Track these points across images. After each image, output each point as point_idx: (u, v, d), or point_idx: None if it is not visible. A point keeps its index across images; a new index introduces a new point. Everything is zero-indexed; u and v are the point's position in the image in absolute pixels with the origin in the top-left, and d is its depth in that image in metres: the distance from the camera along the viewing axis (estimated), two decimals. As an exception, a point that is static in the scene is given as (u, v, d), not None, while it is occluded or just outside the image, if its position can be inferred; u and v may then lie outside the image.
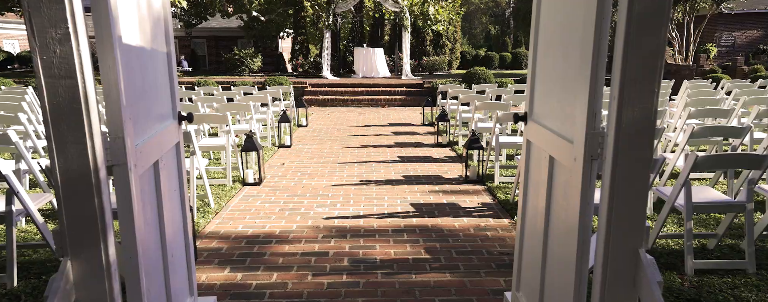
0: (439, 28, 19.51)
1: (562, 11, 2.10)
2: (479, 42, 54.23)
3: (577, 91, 1.86)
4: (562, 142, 2.02)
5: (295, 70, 21.84)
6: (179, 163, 2.55)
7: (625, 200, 1.67)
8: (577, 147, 1.85)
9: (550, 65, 2.26)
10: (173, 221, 2.41)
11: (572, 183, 1.90)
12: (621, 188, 1.67)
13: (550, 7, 2.28)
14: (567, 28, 2.03)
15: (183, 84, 15.07)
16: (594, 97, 1.75)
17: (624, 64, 1.59)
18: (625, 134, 1.63)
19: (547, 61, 2.31)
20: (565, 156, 1.99)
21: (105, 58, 1.64)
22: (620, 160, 1.65)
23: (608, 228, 1.72)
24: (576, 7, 1.90)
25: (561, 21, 2.11)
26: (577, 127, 1.86)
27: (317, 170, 6.45)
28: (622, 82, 1.60)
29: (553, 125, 2.20)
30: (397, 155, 7.43)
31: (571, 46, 1.97)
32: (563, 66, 2.08)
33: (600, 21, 1.68)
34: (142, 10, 2.09)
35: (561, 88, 2.10)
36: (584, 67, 1.79)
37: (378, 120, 11.48)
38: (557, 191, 2.14)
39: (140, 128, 1.96)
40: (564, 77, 2.05)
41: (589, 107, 1.75)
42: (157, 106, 2.25)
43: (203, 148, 5.86)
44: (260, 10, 24.93)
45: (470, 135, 5.87)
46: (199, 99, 7.85)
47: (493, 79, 14.94)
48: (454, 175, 6.21)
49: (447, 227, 4.33)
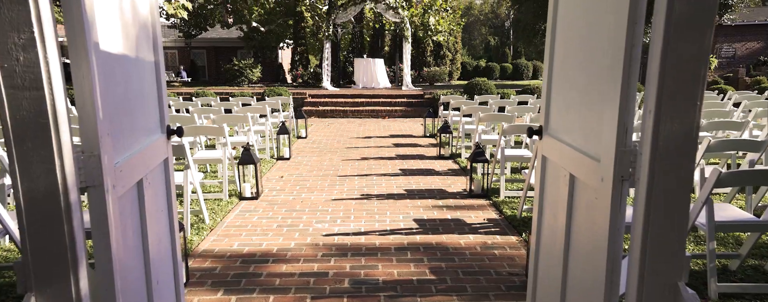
0: (440, 39, 19.43)
1: (584, 17, 1.93)
2: (479, 53, 54.34)
3: (604, 104, 1.68)
4: (586, 159, 1.84)
5: (295, 80, 21.74)
6: (168, 180, 2.37)
7: (663, 228, 1.48)
8: (604, 166, 1.66)
9: (570, 75, 2.08)
10: (159, 244, 2.21)
11: (599, 206, 1.72)
12: (658, 215, 1.48)
13: (569, 12, 2.11)
14: (590, 35, 1.85)
15: (181, 95, 14.92)
16: (625, 110, 1.56)
17: (662, 73, 1.41)
18: (662, 152, 1.45)
19: (566, 71, 2.13)
20: (589, 175, 1.81)
21: (78, 67, 1.46)
22: (657, 182, 1.47)
23: (642, 259, 1.53)
24: (603, 11, 1.73)
25: (583, 27, 1.94)
26: (604, 144, 1.68)
27: (316, 184, 6.25)
28: (659, 94, 1.42)
29: (574, 140, 2.02)
30: (398, 167, 7.25)
31: (595, 54, 1.80)
32: (586, 76, 1.90)
33: (632, 26, 1.51)
34: (126, 15, 1.92)
35: (583, 100, 1.92)
36: (613, 77, 1.62)
37: (378, 132, 11.31)
38: (579, 213, 1.95)
39: (121, 143, 1.78)
40: (587, 89, 1.87)
41: (620, 122, 1.57)
42: (142, 119, 2.07)
43: (199, 161, 5.68)
44: (260, 21, 24.91)
45: (474, 148, 5.69)
46: (196, 110, 7.68)
47: (495, 90, 14.81)
48: (457, 189, 6.02)
49: (452, 245, 4.13)
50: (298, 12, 21.91)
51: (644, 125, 1.48)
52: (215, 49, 31.59)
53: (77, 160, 1.47)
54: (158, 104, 2.29)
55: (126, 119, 1.85)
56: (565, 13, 2.19)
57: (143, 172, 1.98)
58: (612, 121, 1.61)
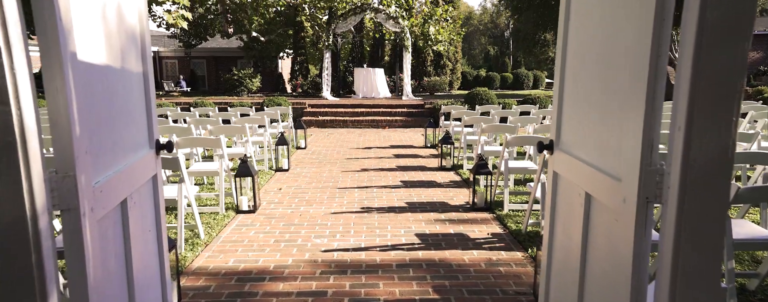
0: (440, 49, 19.38)
1: (599, 25, 1.81)
2: (478, 62, 54.43)
3: (626, 119, 1.55)
4: (604, 178, 1.70)
5: (295, 90, 21.67)
6: (157, 198, 2.23)
7: (696, 257, 1.34)
8: (627, 186, 1.53)
9: (584, 87, 1.95)
10: (146, 267, 2.07)
11: (620, 228, 1.58)
12: (690, 241, 1.34)
13: (583, 19, 1.99)
14: (608, 45, 1.72)
15: (180, 105, 14.81)
16: (650, 127, 1.43)
17: (693, 86, 1.28)
18: (694, 172, 1.32)
19: (580, 82, 2.00)
20: (608, 195, 1.67)
21: (52, 79, 1.33)
22: (689, 205, 1.33)
23: (672, 290, 1.39)
24: (622, 19, 1.60)
25: (599, 36, 1.81)
26: (626, 162, 1.54)
27: (315, 196, 6.11)
28: (690, 109, 1.29)
29: (590, 156, 1.88)
30: (399, 179, 7.11)
31: (614, 65, 1.67)
32: (603, 89, 1.77)
33: (659, 35, 1.38)
34: (111, 24, 1.79)
35: (600, 114, 1.79)
36: (636, 91, 1.48)
37: (379, 142, 11.19)
38: (597, 235, 1.81)
39: (102, 161, 1.64)
40: (605, 102, 1.74)
41: (645, 139, 1.44)
42: (128, 134, 1.93)
43: (195, 173, 5.54)
44: (260, 31, 24.89)
45: (477, 160, 5.55)
46: (193, 121, 7.56)
47: (496, 100, 14.71)
48: (460, 201, 5.87)
49: (456, 261, 3.98)
50: (298, 22, 21.88)
51: (673, 142, 1.35)
52: (215, 59, 31.56)
53: (49, 181, 1.33)
54: (147, 117, 2.16)
55: (109, 135, 1.71)
56: (577, 20, 2.07)
57: (128, 191, 1.84)
58: (635, 138, 1.48)
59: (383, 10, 17.71)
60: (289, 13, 22.65)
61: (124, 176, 1.81)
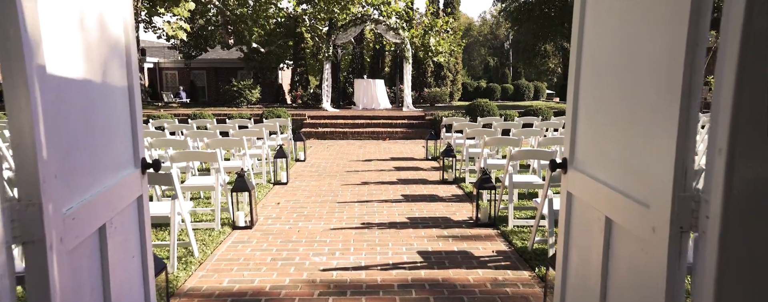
0: (441, 60, 19.30)
1: (621, 32, 1.66)
2: (478, 73, 54.49)
3: (654, 139, 1.40)
4: (628, 203, 1.55)
5: (295, 101, 21.57)
6: (142, 221, 2.08)
7: (743, 297, 1.19)
8: (656, 214, 1.38)
9: (602, 101, 1.81)
10: (128, 296, 1.91)
11: (649, 259, 1.42)
12: (735, 280, 1.19)
13: (600, 27, 1.85)
14: (631, 54, 1.58)
15: (178, 116, 14.69)
16: (684, 149, 1.28)
17: (737, 103, 1.13)
18: (739, 200, 1.17)
19: (597, 97, 1.86)
20: (634, 222, 1.52)
21: (15, 97, 1.19)
22: (734, 238, 1.18)
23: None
24: (648, 25, 1.46)
25: (620, 44, 1.67)
26: (654, 186, 1.39)
27: (314, 211, 5.95)
28: (733, 128, 1.14)
29: (610, 178, 1.73)
30: (400, 193, 6.94)
31: (638, 77, 1.53)
32: (625, 103, 1.62)
33: (694, 45, 1.23)
34: (91, 34, 1.65)
35: (622, 132, 1.64)
36: (666, 107, 1.34)
37: (379, 154, 11.04)
38: (620, 263, 1.65)
39: (76, 185, 1.49)
40: (628, 119, 1.59)
41: (678, 161, 1.29)
42: (109, 153, 1.78)
43: (191, 188, 5.38)
44: (260, 42, 24.87)
45: (481, 174, 5.40)
46: (190, 133, 7.41)
47: (498, 111, 14.59)
48: (463, 217, 5.71)
49: (460, 281, 3.81)
50: (299, 33, 21.85)
51: (712, 166, 1.20)
52: (215, 70, 31.56)
53: (9, 211, 1.18)
54: (132, 134, 2.01)
55: (85, 156, 1.57)
56: (593, 28, 1.93)
57: (107, 215, 1.69)
58: (665, 160, 1.33)
59: (383, 21, 17.67)
60: (290, 25, 22.63)
61: (103, 200, 1.66)
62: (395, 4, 17.72)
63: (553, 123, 9.15)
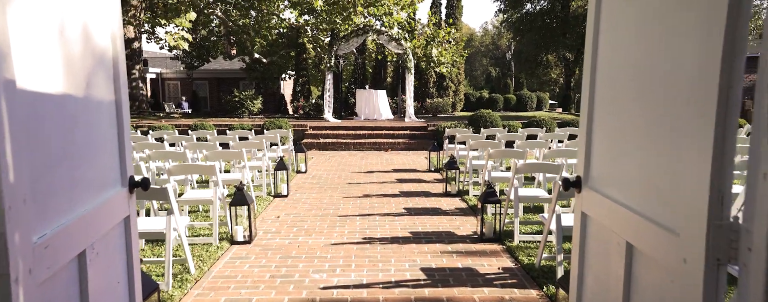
0: (443, 70, 19.23)
1: (642, 39, 1.55)
2: (480, 84, 54.49)
3: (683, 160, 1.28)
4: (654, 229, 1.42)
5: (296, 112, 21.50)
6: (129, 244, 1.95)
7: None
8: (688, 243, 1.25)
9: (621, 115, 1.69)
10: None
11: (681, 293, 1.29)
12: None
13: (617, 33, 1.73)
14: (654, 64, 1.46)
15: (178, 127, 14.61)
16: (721, 173, 1.16)
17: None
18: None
19: (615, 109, 1.74)
20: (660, 250, 1.38)
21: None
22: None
23: None
24: (675, 32, 1.34)
25: (641, 53, 1.55)
26: (685, 212, 1.26)
27: (315, 225, 5.81)
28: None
29: (631, 200, 1.60)
30: (402, 206, 6.81)
31: (663, 90, 1.40)
32: (646, 118, 1.50)
33: (731, 55, 1.11)
34: (73, 46, 1.54)
35: (645, 150, 1.51)
36: (698, 125, 1.21)
37: (381, 165, 10.91)
38: (645, 295, 1.52)
39: (53, 208, 1.37)
40: (652, 134, 1.47)
41: (713, 187, 1.16)
42: (92, 172, 1.66)
43: (188, 202, 5.25)
44: (262, 52, 24.87)
45: (486, 187, 5.26)
46: (189, 145, 7.30)
47: (501, 122, 14.47)
48: (467, 231, 5.57)
49: (465, 300, 3.66)
50: (301, 43, 21.84)
51: (755, 192, 1.07)
52: (217, 80, 31.57)
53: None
54: (119, 151, 1.90)
55: (64, 176, 1.44)
56: (610, 35, 1.81)
57: (88, 240, 1.56)
58: (698, 185, 1.20)
59: (386, 31, 17.64)
60: (292, 35, 22.64)
61: (83, 223, 1.53)
62: (397, 15, 17.70)
63: (558, 135, 9.03)
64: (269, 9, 20.52)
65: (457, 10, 24.72)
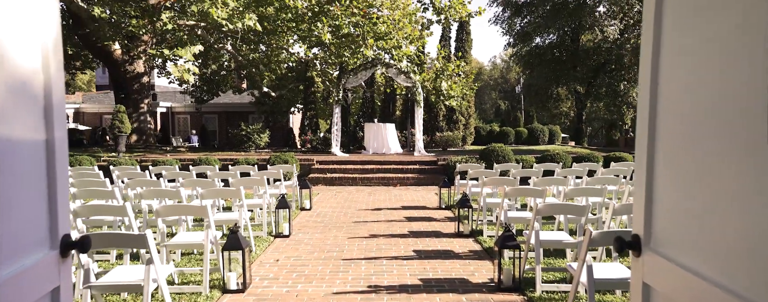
0: (453, 104, 18.93)
1: (730, 58, 1.13)
2: (489, 117, 54.33)
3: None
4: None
5: (304, 145, 21.23)
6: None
7: None
8: None
9: (699, 156, 1.26)
10: None
11: None
12: None
13: (688, 55, 1.32)
14: (751, 90, 1.04)
15: (183, 161, 14.32)
16: None
17: None
18: None
19: (689, 148, 1.32)
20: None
21: None
22: None
23: None
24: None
25: (730, 77, 1.13)
26: None
27: (316, 270, 5.33)
28: None
29: (729, 278, 1.15)
30: (412, 248, 6.31)
31: None
32: (743, 162, 1.07)
33: None
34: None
35: (745, 204, 1.08)
36: None
37: (389, 202, 10.44)
38: None
39: None
40: (756, 184, 1.04)
41: None
42: (6, 233, 1.25)
43: (177, 246, 4.83)
44: (271, 86, 24.83)
45: (504, 230, 4.78)
46: (186, 183, 6.92)
47: (513, 156, 14.02)
48: (483, 278, 5.06)
49: (485, 368, 3.15)
50: (309, 77, 21.75)
51: None
52: (227, 114, 31.59)
53: None
54: (49, 203, 1.49)
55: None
56: (678, 62, 1.40)
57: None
58: None
59: (394, 64, 17.46)
60: (300, 69, 22.59)
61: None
62: (406, 49, 17.55)
63: (576, 170, 8.55)
64: (279, 43, 20.52)
65: (466, 43, 24.66)
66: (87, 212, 4.49)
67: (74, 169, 9.27)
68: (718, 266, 1.20)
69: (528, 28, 30.44)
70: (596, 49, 28.29)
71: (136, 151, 18.24)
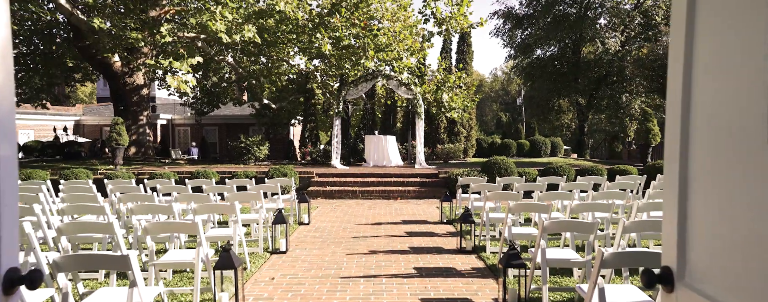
0: (454, 116, 18.76)
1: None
2: (490, 129, 54.17)
3: None
4: None
5: (304, 158, 21.04)
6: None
7: None
8: None
9: (746, 177, 1.07)
10: None
11: None
12: None
13: (733, 69, 1.13)
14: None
15: (182, 174, 14.12)
16: None
17: None
18: None
19: (731, 167, 1.12)
20: None
21: None
22: None
23: None
24: None
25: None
26: None
27: (313, 290, 5.11)
28: None
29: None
30: (412, 265, 6.09)
31: None
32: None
33: None
34: None
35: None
36: None
37: (390, 216, 10.21)
38: None
39: None
40: None
41: None
42: None
43: (167, 265, 4.61)
44: (272, 98, 24.70)
45: (508, 248, 4.57)
46: (180, 197, 6.72)
47: (515, 169, 13.81)
48: (486, 298, 4.84)
49: None
50: (309, 89, 21.64)
51: None
52: (227, 126, 31.47)
53: None
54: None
55: None
56: (713, 73, 1.22)
57: None
58: None
59: (395, 76, 17.33)
60: (301, 81, 22.49)
61: None
62: (407, 60, 17.43)
63: (581, 184, 8.34)
64: (279, 55, 20.43)
65: (467, 55, 24.58)
66: (72, 229, 4.29)
67: (68, 183, 9.08)
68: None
69: (529, 40, 30.37)
70: (597, 61, 28.17)
71: (135, 163, 18.05)
